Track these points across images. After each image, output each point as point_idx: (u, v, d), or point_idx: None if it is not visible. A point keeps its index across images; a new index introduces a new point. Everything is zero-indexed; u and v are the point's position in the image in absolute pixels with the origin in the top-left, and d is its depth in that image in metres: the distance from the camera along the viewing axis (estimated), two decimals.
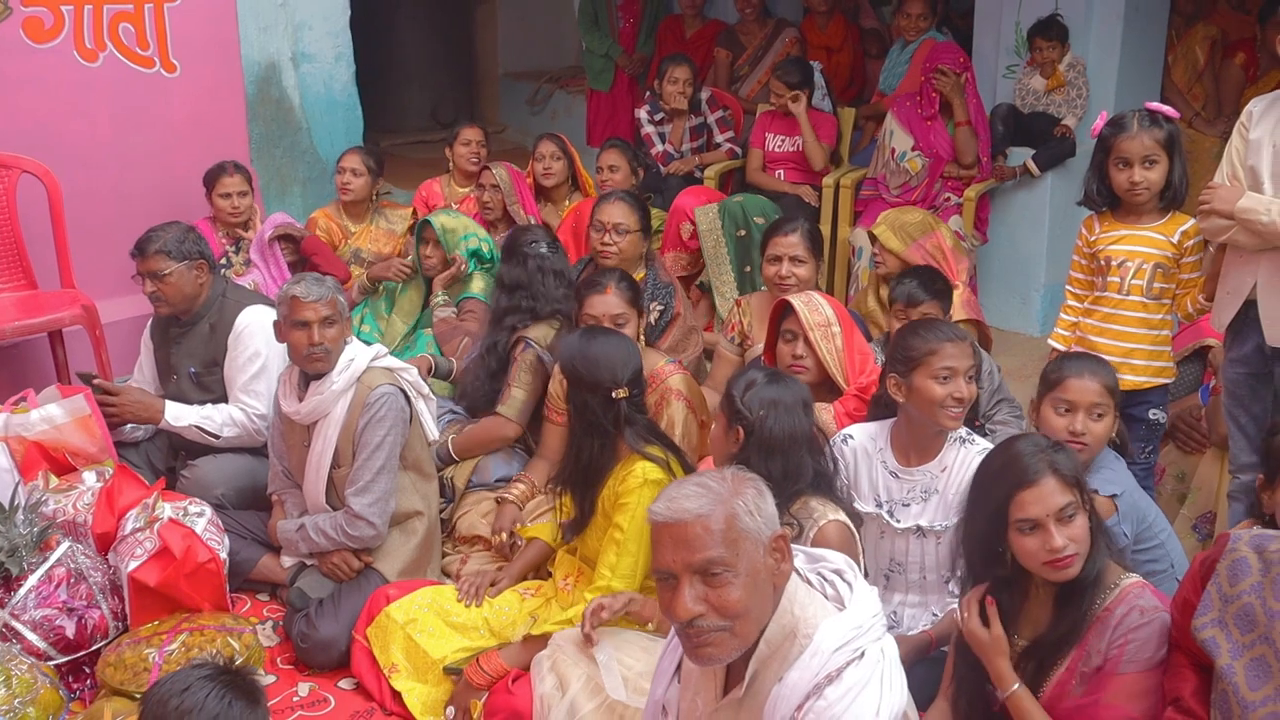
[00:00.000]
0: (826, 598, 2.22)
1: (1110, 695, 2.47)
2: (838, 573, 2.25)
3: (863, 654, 2.11)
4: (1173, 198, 3.76)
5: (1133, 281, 3.79)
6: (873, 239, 4.86)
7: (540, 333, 4.31)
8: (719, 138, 6.83)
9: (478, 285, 5.11)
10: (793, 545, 2.21)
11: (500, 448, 4.29)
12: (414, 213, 6.02)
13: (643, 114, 6.87)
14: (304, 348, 3.64)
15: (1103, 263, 3.85)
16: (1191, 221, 3.75)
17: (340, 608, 3.65)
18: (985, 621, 2.63)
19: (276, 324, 3.75)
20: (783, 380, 3.07)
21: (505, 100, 9.92)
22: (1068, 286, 4.03)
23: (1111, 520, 3.12)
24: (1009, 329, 6.21)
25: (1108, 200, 3.84)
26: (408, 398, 3.77)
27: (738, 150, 6.78)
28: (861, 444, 3.30)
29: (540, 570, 3.71)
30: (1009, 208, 6.23)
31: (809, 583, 2.25)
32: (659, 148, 6.77)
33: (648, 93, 7.07)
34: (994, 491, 2.58)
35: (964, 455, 3.21)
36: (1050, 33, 6.04)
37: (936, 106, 6.11)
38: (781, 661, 2.13)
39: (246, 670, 2.46)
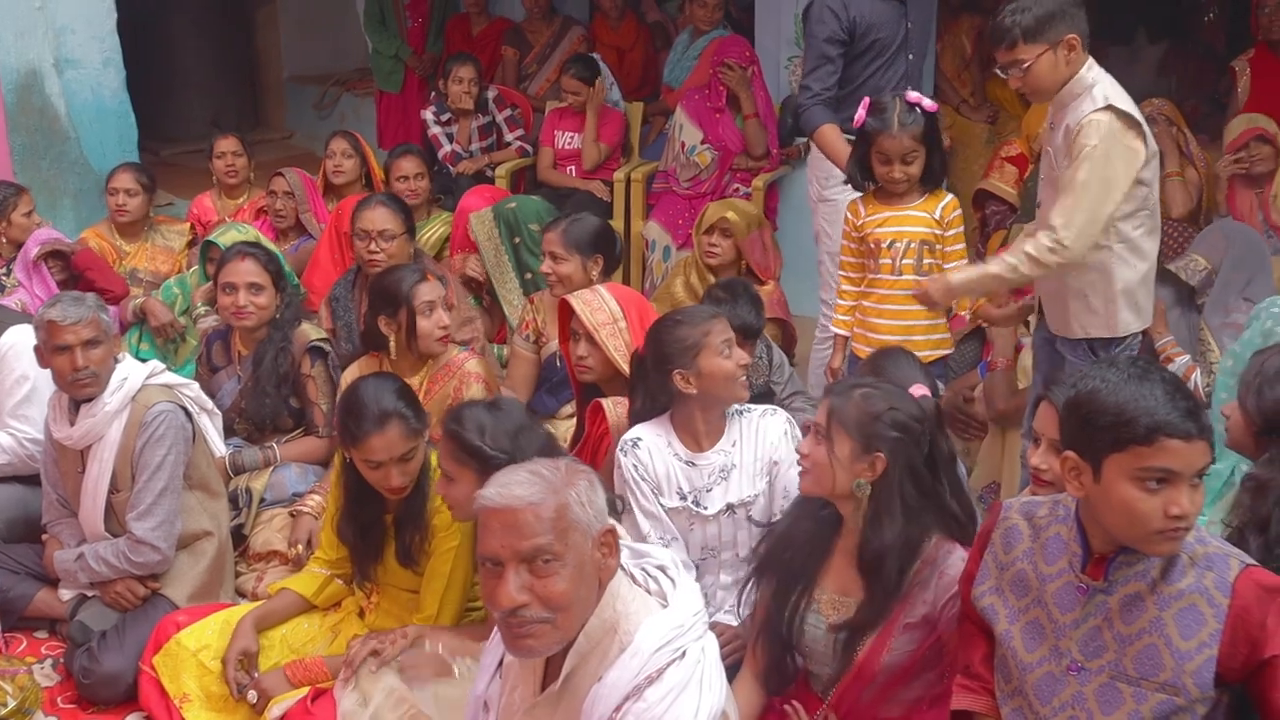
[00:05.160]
0: (650, 593, 2.22)
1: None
2: (661, 569, 2.26)
3: (684, 653, 2.11)
4: (933, 182, 3.92)
5: (904, 261, 3.93)
6: (710, 230, 4.90)
7: (313, 331, 4.26)
8: (509, 136, 6.80)
9: None
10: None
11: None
12: (191, 228, 5.82)
13: (429, 115, 6.79)
14: (68, 373, 3.46)
15: (872, 245, 3.97)
16: (950, 197, 3.93)
17: (125, 639, 3.49)
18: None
19: (37, 349, 3.56)
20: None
21: (291, 105, 9.70)
22: (840, 271, 4.15)
23: None
24: (799, 314, 6.34)
25: (870, 182, 3.98)
26: (189, 414, 3.63)
27: (528, 148, 6.76)
28: (651, 443, 3.28)
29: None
30: (795, 195, 6.38)
31: (632, 578, 2.24)
32: (446, 148, 6.69)
33: (433, 93, 7.00)
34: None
35: (747, 424, 3.29)
36: None
37: (725, 100, 6.22)
38: (601, 658, 2.11)
39: (22, 714, 2.32)
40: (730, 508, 3.27)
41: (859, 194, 4.08)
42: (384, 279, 4.02)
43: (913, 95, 3.89)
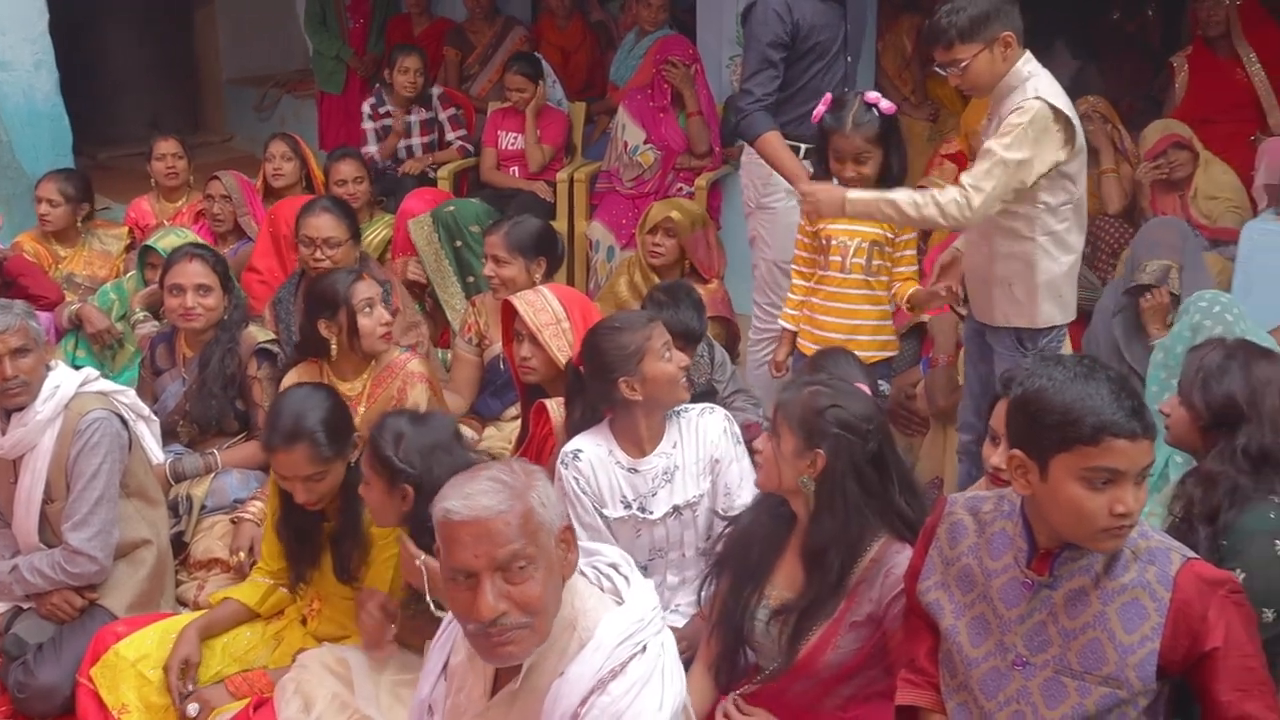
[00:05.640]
0: (603, 591, 2.21)
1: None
2: (613, 566, 2.25)
3: (645, 648, 2.11)
4: (891, 184, 3.90)
5: (854, 260, 3.93)
6: (654, 230, 4.89)
7: (261, 333, 4.22)
8: (450, 135, 6.77)
9: None
10: None
11: None
12: (129, 232, 5.73)
13: (366, 107, 6.76)
14: None
15: (824, 242, 3.98)
16: None
17: (62, 651, 3.42)
18: None
19: None
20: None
21: (231, 107, 9.62)
22: (793, 266, 4.16)
23: None
24: (742, 312, 6.36)
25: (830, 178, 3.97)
26: (124, 421, 3.57)
27: (469, 148, 6.73)
28: (593, 454, 3.26)
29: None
30: (738, 194, 6.36)
31: (584, 575, 2.23)
32: (371, 148, 6.66)
33: (376, 84, 6.97)
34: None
35: (686, 424, 3.29)
36: None
37: (669, 98, 6.23)
38: (560, 655, 2.10)
39: None
40: (676, 509, 3.26)
41: (796, 202, 4.08)
42: (319, 283, 3.99)
43: (871, 95, 3.89)
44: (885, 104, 3.88)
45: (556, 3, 7.40)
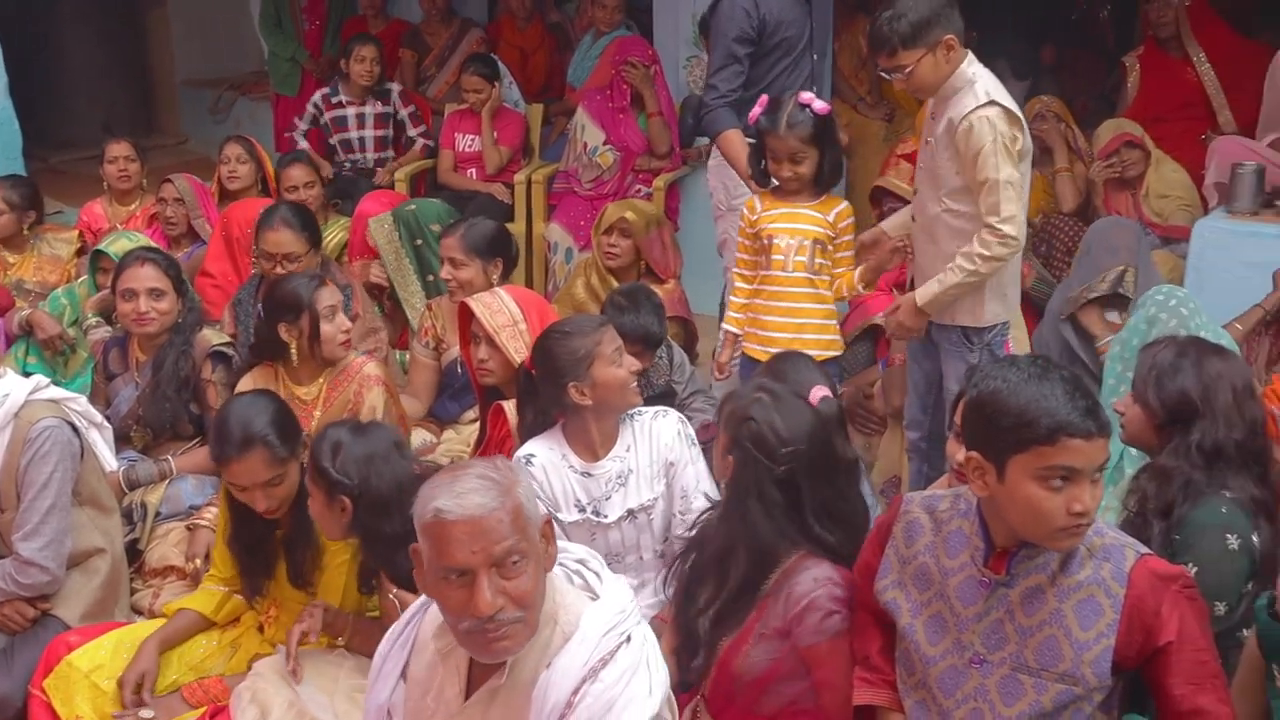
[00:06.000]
0: (574, 586, 2.23)
1: (824, 675, 2.54)
2: (581, 563, 2.27)
3: (629, 638, 2.14)
4: (826, 183, 3.93)
5: (796, 259, 3.93)
6: (609, 230, 4.88)
7: (215, 336, 4.18)
8: (412, 132, 6.79)
9: None
10: None
11: None
12: (80, 236, 5.66)
13: (318, 96, 6.78)
14: None
15: (765, 241, 3.98)
16: (845, 205, 3.96)
17: (14, 662, 3.36)
18: None
19: None
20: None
21: (186, 110, 9.54)
22: (735, 269, 4.16)
23: None
24: (702, 313, 6.37)
25: (769, 180, 4.00)
26: (76, 429, 3.52)
27: (431, 144, 6.73)
28: (545, 459, 3.24)
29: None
30: (697, 195, 6.40)
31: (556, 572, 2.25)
32: (301, 128, 6.77)
33: (334, 76, 6.96)
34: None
35: (640, 427, 3.28)
36: None
37: (628, 99, 6.24)
38: (543, 649, 2.12)
39: None
40: (630, 513, 3.26)
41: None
42: (281, 287, 3.95)
43: (805, 96, 3.90)
44: (819, 104, 3.88)
45: (517, 4, 7.39)
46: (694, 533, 2.90)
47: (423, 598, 2.35)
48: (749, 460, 2.62)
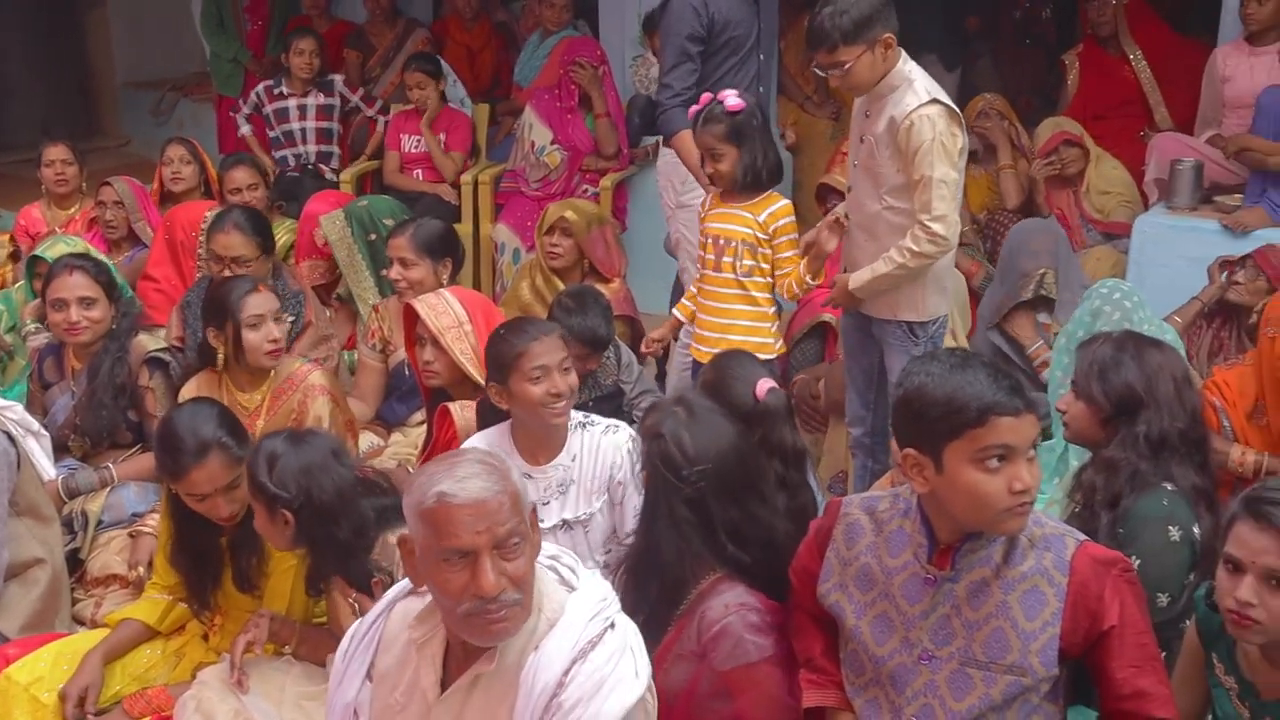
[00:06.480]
0: (552, 578, 2.25)
1: (743, 705, 2.48)
2: (554, 559, 2.28)
3: (613, 623, 2.17)
4: (754, 182, 3.92)
5: (725, 260, 3.96)
6: (551, 230, 4.86)
7: (151, 342, 4.12)
8: (370, 112, 6.90)
9: None
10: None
11: None
12: (12, 239, 5.59)
13: (260, 88, 6.77)
14: None
15: (708, 240, 4.00)
16: (780, 204, 3.95)
17: None
18: None
19: None
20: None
21: (127, 111, 9.44)
22: (698, 265, 4.19)
23: None
24: (652, 312, 6.37)
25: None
26: (11, 438, 3.46)
27: (386, 119, 6.76)
28: (491, 449, 3.22)
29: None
30: (645, 194, 6.40)
31: None
32: (244, 130, 6.77)
33: (279, 74, 6.92)
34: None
35: (589, 439, 3.24)
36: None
37: (576, 99, 6.22)
38: (528, 636, 2.14)
39: None
40: (566, 523, 3.22)
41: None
42: (215, 290, 3.89)
43: (724, 93, 3.91)
44: (732, 102, 3.87)
45: (464, 2, 7.37)
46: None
47: (388, 596, 2.35)
48: (658, 478, 2.59)
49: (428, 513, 2.08)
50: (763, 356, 3.91)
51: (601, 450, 3.23)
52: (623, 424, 3.33)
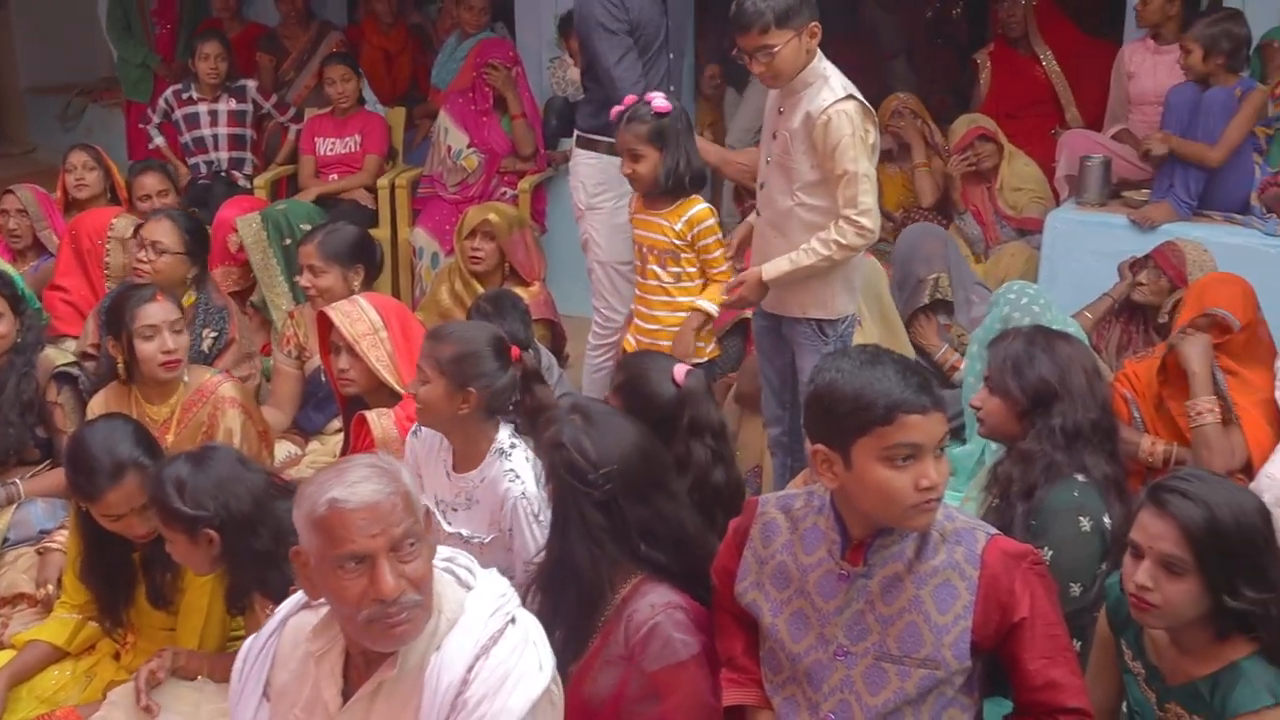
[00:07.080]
0: (448, 579, 2.23)
1: (672, 704, 2.48)
2: (449, 560, 2.27)
3: (514, 619, 2.17)
4: (675, 186, 3.92)
5: (650, 266, 3.98)
6: (472, 234, 4.83)
7: (59, 355, 4.03)
8: (283, 119, 6.80)
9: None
10: None
11: None
12: None
13: (169, 93, 6.66)
14: None
15: (636, 245, 4.01)
16: (697, 209, 3.95)
17: None
18: None
19: None
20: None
21: (33, 117, 9.32)
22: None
23: None
24: (575, 314, 6.35)
25: None
26: None
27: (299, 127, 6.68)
28: (430, 440, 3.23)
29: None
30: (563, 196, 6.37)
31: None
32: (157, 141, 6.67)
33: (188, 79, 6.82)
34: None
35: (499, 471, 3.11)
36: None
37: (490, 101, 6.19)
38: (429, 637, 2.12)
39: None
40: (462, 537, 3.18)
41: (626, 203, 4.15)
42: (116, 297, 3.81)
43: (651, 94, 3.91)
44: (659, 103, 3.88)
45: (383, 6, 7.29)
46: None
47: (280, 611, 2.31)
48: (565, 487, 2.57)
49: (320, 520, 2.04)
50: (695, 360, 3.91)
51: (500, 491, 3.10)
52: (525, 481, 3.09)
